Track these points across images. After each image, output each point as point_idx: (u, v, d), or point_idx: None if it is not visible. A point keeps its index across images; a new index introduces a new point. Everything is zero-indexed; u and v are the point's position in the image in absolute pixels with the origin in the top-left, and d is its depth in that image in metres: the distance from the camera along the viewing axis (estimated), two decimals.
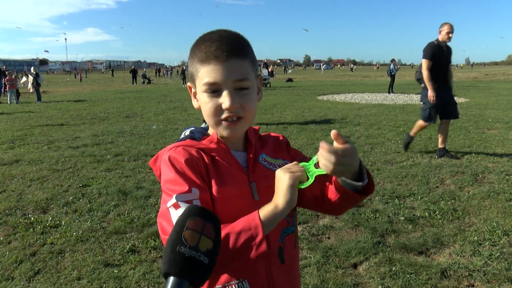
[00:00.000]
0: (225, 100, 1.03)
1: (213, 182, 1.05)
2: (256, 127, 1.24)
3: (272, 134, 1.30)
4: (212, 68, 1.03)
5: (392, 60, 22.94)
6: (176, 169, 1.02)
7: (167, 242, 0.73)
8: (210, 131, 1.17)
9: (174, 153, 1.06)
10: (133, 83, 36.34)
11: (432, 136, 8.45)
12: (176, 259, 0.70)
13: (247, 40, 1.12)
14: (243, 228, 0.94)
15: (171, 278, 0.70)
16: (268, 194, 1.10)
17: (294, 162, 1.03)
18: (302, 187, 0.98)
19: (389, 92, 20.98)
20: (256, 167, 1.14)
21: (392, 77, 21.78)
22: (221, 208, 1.04)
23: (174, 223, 0.82)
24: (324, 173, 0.96)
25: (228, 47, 1.04)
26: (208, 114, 1.08)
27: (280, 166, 1.15)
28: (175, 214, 0.95)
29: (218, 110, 1.06)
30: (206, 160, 1.08)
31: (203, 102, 1.08)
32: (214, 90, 1.05)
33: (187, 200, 0.97)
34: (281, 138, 1.29)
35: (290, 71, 79.61)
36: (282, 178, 0.97)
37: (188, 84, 1.18)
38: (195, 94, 1.15)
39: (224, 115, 1.06)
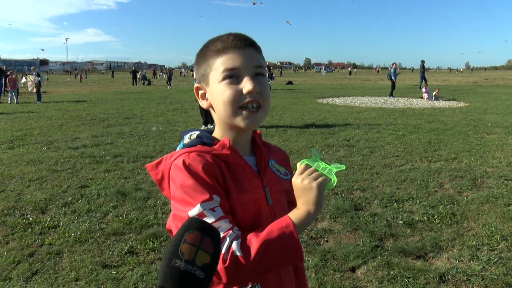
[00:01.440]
0: (246, 84, 1.04)
1: (230, 188, 1.03)
2: (258, 131, 1.23)
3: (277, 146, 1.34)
4: (231, 55, 1.06)
5: (393, 64, 22.73)
6: (194, 175, 0.99)
7: (164, 254, 0.73)
8: (216, 134, 1.16)
9: (188, 159, 1.02)
10: (133, 84, 36.33)
11: (432, 140, 8.46)
12: (171, 272, 0.69)
13: None
14: (279, 234, 0.95)
15: None
16: (278, 198, 1.14)
17: (303, 166, 1.04)
18: (330, 188, 1.01)
19: (389, 96, 20.94)
20: (266, 171, 1.15)
21: (392, 81, 21.65)
22: (240, 214, 1.04)
23: None
24: (343, 167, 1.01)
25: (245, 38, 1.10)
26: (227, 102, 1.05)
27: (284, 175, 1.20)
28: None
29: (238, 96, 1.05)
30: (222, 166, 1.06)
31: (220, 91, 1.06)
32: (234, 75, 1.05)
33: (211, 208, 0.96)
34: (286, 155, 1.33)
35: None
36: (310, 187, 0.99)
37: (196, 85, 1.17)
38: (203, 95, 1.15)
39: (245, 101, 1.05)
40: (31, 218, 4.30)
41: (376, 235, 3.81)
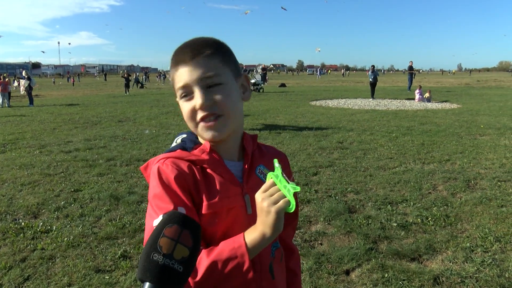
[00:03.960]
0: (197, 99, 1.01)
1: (203, 197, 1.01)
2: (255, 135, 1.19)
3: (275, 148, 1.27)
4: (180, 72, 1.04)
5: (372, 66, 22.68)
6: (164, 184, 0.99)
7: (143, 248, 0.73)
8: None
9: (163, 166, 1.01)
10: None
11: (425, 142, 8.50)
12: (150, 266, 0.70)
13: (222, 42, 1.10)
14: (230, 256, 0.92)
15: (146, 284, 0.71)
16: None
17: (270, 182, 0.93)
18: (289, 211, 0.91)
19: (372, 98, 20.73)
20: (251, 178, 1.09)
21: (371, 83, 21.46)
22: (211, 223, 1.00)
23: None
24: (298, 189, 0.90)
25: (191, 49, 1.04)
26: (187, 119, 1.06)
27: None
28: None
29: (193, 112, 1.03)
30: (197, 174, 1.02)
31: (181, 108, 1.07)
32: (187, 93, 1.03)
33: None
34: (283, 157, 1.25)
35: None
36: (267, 211, 0.90)
37: (176, 99, 1.16)
38: None
39: (199, 116, 1.02)
40: (23, 223, 4.25)
41: (370, 237, 3.82)
